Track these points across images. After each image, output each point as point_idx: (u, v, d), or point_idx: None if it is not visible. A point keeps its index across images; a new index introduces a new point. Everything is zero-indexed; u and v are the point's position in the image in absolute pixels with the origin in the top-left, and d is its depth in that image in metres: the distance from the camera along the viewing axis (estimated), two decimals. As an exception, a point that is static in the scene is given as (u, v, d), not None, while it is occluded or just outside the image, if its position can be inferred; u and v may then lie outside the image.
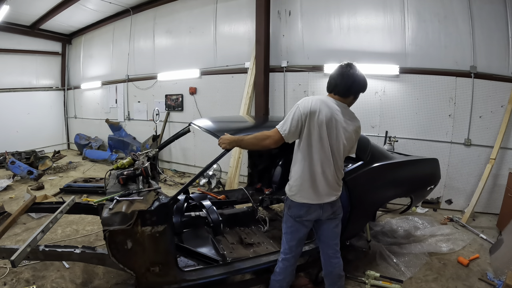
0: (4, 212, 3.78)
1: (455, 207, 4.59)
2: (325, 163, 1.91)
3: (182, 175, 6.67)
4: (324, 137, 1.87)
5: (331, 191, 1.97)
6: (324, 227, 2.06)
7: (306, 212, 1.97)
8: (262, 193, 3.77)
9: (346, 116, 1.95)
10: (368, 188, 2.72)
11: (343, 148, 1.95)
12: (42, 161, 6.41)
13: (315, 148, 1.89)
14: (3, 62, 8.03)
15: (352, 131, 1.97)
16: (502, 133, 4.15)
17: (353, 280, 2.75)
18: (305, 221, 2.00)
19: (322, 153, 1.90)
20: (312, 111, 1.84)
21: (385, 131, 4.70)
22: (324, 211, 1.98)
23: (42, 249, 2.10)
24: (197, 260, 2.51)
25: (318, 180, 1.92)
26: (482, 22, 4.18)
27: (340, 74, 1.92)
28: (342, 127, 1.91)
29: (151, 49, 7.11)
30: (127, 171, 2.56)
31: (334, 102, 1.93)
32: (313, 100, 1.89)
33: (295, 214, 1.99)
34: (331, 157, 1.91)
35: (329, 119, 1.86)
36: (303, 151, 1.92)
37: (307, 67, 5.17)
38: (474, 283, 2.77)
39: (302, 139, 1.90)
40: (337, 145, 1.92)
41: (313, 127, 1.86)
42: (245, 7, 5.54)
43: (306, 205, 1.95)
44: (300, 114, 1.86)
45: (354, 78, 1.91)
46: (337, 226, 2.09)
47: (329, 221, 2.04)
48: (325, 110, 1.86)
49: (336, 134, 1.90)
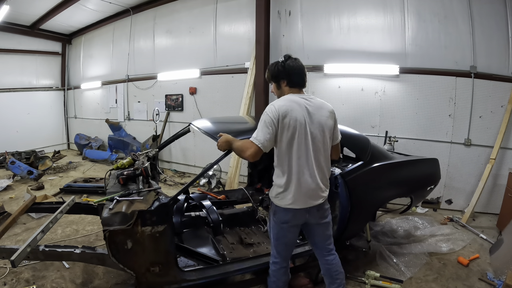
0: (4, 212, 3.78)
1: (455, 207, 4.59)
2: (308, 162, 1.84)
3: (182, 175, 6.67)
4: (301, 135, 1.81)
5: (317, 193, 1.89)
6: (314, 232, 2.02)
7: (292, 217, 1.90)
8: (262, 193, 3.76)
9: (317, 105, 1.90)
10: (368, 188, 2.72)
11: (325, 140, 1.90)
12: (42, 161, 6.41)
13: (295, 148, 1.82)
14: (3, 62, 8.03)
15: (328, 118, 1.92)
16: (502, 133, 4.15)
17: (353, 280, 2.75)
18: (292, 226, 1.93)
19: (303, 153, 1.83)
20: (282, 113, 1.78)
21: (385, 131, 4.70)
22: (311, 215, 1.92)
23: (42, 249, 2.10)
24: (197, 260, 2.51)
25: (302, 182, 1.84)
26: (482, 22, 4.18)
27: (291, 67, 1.90)
28: (318, 118, 1.86)
29: (151, 49, 7.11)
30: (127, 171, 2.56)
31: (299, 97, 1.89)
32: (279, 102, 1.85)
33: (281, 219, 1.92)
34: (313, 155, 1.85)
35: (302, 116, 1.81)
36: (282, 153, 1.85)
37: (307, 67, 5.04)
38: (474, 283, 2.77)
39: (279, 142, 1.83)
40: (318, 139, 1.86)
41: (287, 129, 1.79)
42: (245, 7, 5.54)
43: (291, 210, 1.87)
44: (270, 120, 1.78)
45: (301, 66, 1.94)
46: (327, 229, 2.04)
47: (318, 225, 1.99)
48: (296, 108, 1.81)
49: (314, 128, 1.85)
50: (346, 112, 4.96)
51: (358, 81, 4.87)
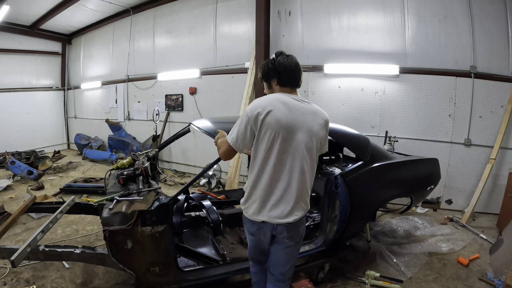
0: (4, 212, 3.78)
1: (455, 207, 4.59)
2: (286, 173, 1.60)
3: (182, 175, 6.67)
4: (284, 140, 1.57)
5: (288, 211, 1.62)
6: (276, 249, 1.74)
7: (258, 230, 1.68)
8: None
9: (310, 110, 1.66)
10: (368, 188, 2.71)
11: (313, 149, 1.65)
12: (42, 161, 6.41)
13: (273, 155, 1.58)
14: (3, 62, 8.03)
15: (321, 127, 1.68)
16: (502, 133, 4.15)
17: (353, 280, 2.75)
18: (260, 238, 1.71)
19: (284, 161, 1.59)
20: (263, 112, 1.55)
21: (385, 131, 4.70)
22: (278, 232, 1.65)
23: (42, 249, 2.10)
24: (197, 260, 2.51)
25: (274, 193, 1.61)
26: (482, 22, 4.19)
27: (282, 64, 1.67)
28: (309, 124, 1.63)
29: (151, 49, 7.11)
30: (127, 171, 2.55)
31: (290, 97, 1.65)
32: (263, 99, 1.62)
33: (249, 230, 1.74)
34: (297, 164, 1.60)
35: (287, 118, 1.57)
36: (257, 159, 1.62)
37: (307, 67, 5.17)
38: (474, 283, 2.77)
39: (256, 145, 1.61)
40: (305, 147, 1.61)
41: (266, 131, 1.56)
42: (245, 7, 5.55)
43: (257, 222, 1.66)
44: (248, 119, 1.58)
45: (294, 63, 1.70)
46: (288, 253, 1.73)
47: (283, 244, 1.70)
48: (280, 108, 1.57)
49: (302, 134, 1.60)
50: (346, 112, 4.96)
51: (358, 81, 4.87)
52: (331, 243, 2.62)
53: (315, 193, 3.48)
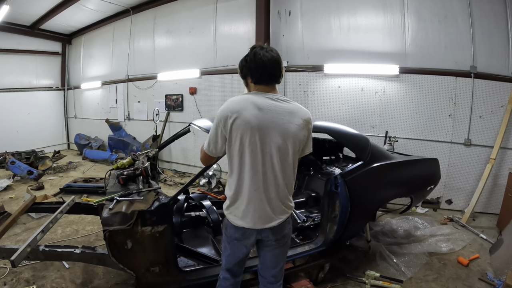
0: (4, 212, 3.79)
1: (455, 207, 4.59)
2: (263, 177, 1.53)
3: (182, 175, 6.67)
4: (254, 144, 1.49)
5: (270, 215, 1.59)
6: (264, 253, 1.73)
7: (242, 235, 1.63)
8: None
9: (287, 110, 1.55)
10: (368, 188, 2.72)
11: (289, 152, 1.56)
12: (42, 161, 6.41)
13: (247, 159, 1.51)
14: (3, 62, 8.02)
15: (300, 127, 1.56)
16: (502, 133, 4.15)
17: (353, 280, 2.75)
18: (244, 243, 1.67)
19: (256, 164, 1.52)
20: (232, 115, 1.48)
21: (385, 131, 4.70)
22: (264, 236, 1.63)
23: (42, 249, 2.10)
24: (197, 260, 2.51)
25: (252, 200, 1.55)
26: (482, 22, 4.19)
27: (255, 59, 1.56)
28: (284, 125, 1.52)
29: (151, 49, 7.11)
30: (127, 171, 2.56)
31: (265, 96, 1.55)
32: (233, 100, 1.54)
33: (231, 235, 1.67)
34: (269, 168, 1.53)
35: (258, 119, 1.48)
36: (233, 163, 1.57)
37: (307, 67, 5.17)
38: (474, 283, 2.77)
39: (228, 149, 1.56)
40: (278, 150, 1.53)
41: (236, 134, 1.50)
42: (245, 7, 5.54)
43: (241, 228, 1.61)
44: (218, 123, 1.52)
45: (269, 57, 1.55)
46: (277, 254, 1.72)
47: (270, 248, 1.69)
48: (251, 109, 1.49)
49: (276, 136, 1.51)
50: (346, 112, 4.96)
51: (358, 81, 4.87)
52: (331, 243, 2.62)
53: (315, 193, 3.48)
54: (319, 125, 3.06)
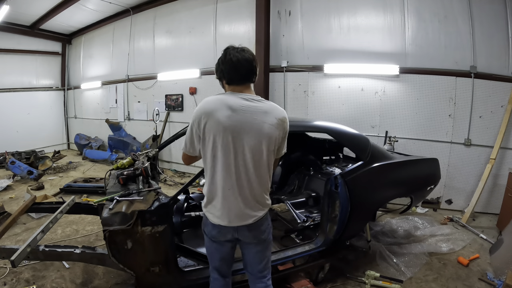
0: (4, 212, 3.79)
1: (455, 207, 4.59)
2: (236, 176, 1.55)
3: (182, 175, 6.67)
4: (228, 144, 1.51)
5: (246, 212, 1.59)
6: (246, 251, 1.75)
7: (219, 233, 1.65)
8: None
9: (261, 109, 1.56)
10: (368, 188, 2.72)
11: (263, 151, 1.56)
12: (42, 161, 6.41)
13: (219, 158, 1.54)
14: (3, 62, 8.03)
15: (274, 127, 1.56)
16: (502, 133, 4.16)
17: (353, 280, 2.75)
18: (222, 241, 1.69)
19: (229, 164, 1.54)
20: (206, 115, 1.51)
21: (385, 131, 4.70)
22: (240, 234, 1.64)
23: (42, 249, 2.10)
24: (197, 260, 2.51)
25: (227, 199, 1.57)
26: (482, 22, 4.19)
27: (225, 60, 1.59)
28: (258, 125, 1.53)
29: (151, 49, 7.11)
30: (127, 171, 2.55)
31: (238, 96, 1.56)
32: (207, 101, 1.56)
33: (209, 233, 1.69)
34: (242, 167, 1.55)
35: (232, 119, 1.50)
36: (206, 163, 1.60)
37: (307, 67, 5.17)
38: (474, 283, 2.77)
39: (202, 149, 1.60)
40: (251, 150, 1.53)
41: (211, 134, 1.52)
42: (245, 7, 5.54)
43: (217, 226, 1.63)
44: (193, 122, 1.56)
45: (239, 58, 1.56)
46: (261, 251, 1.74)
47: (250, 245, 1.70)
48: (224, 110, 1.50)
49: (250, 136, 1.52)
50: (346, 112, 4.96)
51: (358, 81, 4.87)
52: (331, 243, 2.62)
53: (315, 193, 3.48)
54: (319, 125, 3.07)
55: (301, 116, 5.25)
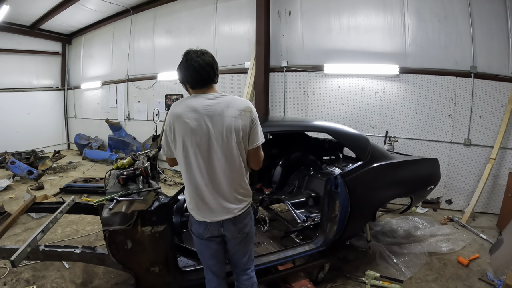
0: (4, 212, 3.78)
1: (455, 207, 4.59)
2: (209, 172, 1.61)
3: (182, 175, 6.66)
4: (196, 143, 1.58)
5: (225, 206, 1.65)
6: (231, 246, 1.79)
7: (205, 230, 1.69)
8: (262, 193, 3.76)
9: (221, 105, 1.61)
10: (368, 188, 2.72)
11: (231, 144, 1.61)
12: (42, 161, 6.41)
13: (191, 158, 1.60)
14: (3, 62, 8.03)
15: (236, 118, 1.60)
16: (502, 133, 4.15)
17: (353, 280, 2.75)
18: (209, 238, 1.72)
19: (200, 162, 1.60)
20: (174, 118, 1.59)
21: (385, 131, 4.70)
22: (226, 229, 1.69)
23: (42, 249, 2.10)
24: (197, 260, 2.50)
25: (204, 195, 1.63)
26: (482, 22, 4.19)
27: (183, 65, 1.64)
28: (221, 120, 1.59)
29: (151, 49, 7.11)
30: (127, 171, 2.55)
31: (201, 97, 1.63)
32: (175, 105, 1.65)
33: (196, 232, 1.74)
34: (214, 163, 1.61)
35: (197, 119, 1.57)
36: (180, 163, 1.66)
37: (307, 67, 5.17)
38: (474, 283, 2.77)
39: (176, 150, 1.66)
40: (220, 145, 1.60)
41: (180, 136, 1.59)
42: (245, 7, 5.54)
43: (203, 222, 1.68)
44: (166, 127, 1.65)
45: (197, 61, 1.59)
46: (244, 244, 1.80)
47: (235, 239, 1.76)
48: (188, 112, 1.58)
49: (216, 132, 1.58)
50: (346, 112, 4.96)
51: (358, 81, 4.87)
52: (331, 243, 2.62)
53: (315, 193, 3.48)
54: (319, 125, 3.07)
55: (301, 116, 5.25)
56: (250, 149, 1.71)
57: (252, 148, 1.70)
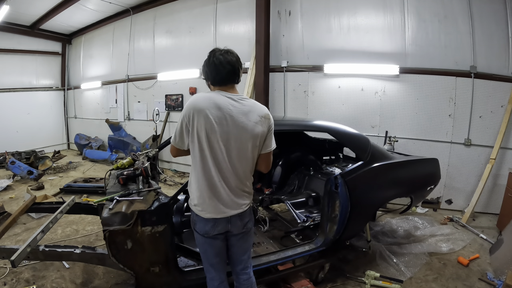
0: (4, 212, 3.78)
1: (455, 207, 4.59)
2: (223, 169, 1.66)
3: (182, 175, 6.67)
4: (215, 139, 1.61)
5: (236, 202, 1.71)
6: (233, 243, 1.82)
7: (212, 227, 1.71)
8: (262, 193, 3.76)
9: (245, 108, 1.66)
10: (368, 188, 2.71)
11: (247, 147, 1.67)
12: (42, 161, 6.41)
13: (207, 152, 1.63)
14: (3, 62, 8.03)
15: (256, 124, 1.66)
16: (502, 133, 4.16)
17: (353, 280, 2.75)
18: (215, 235, 1.74)
19: (217, 158, 1.64)
20: (196, 111, 1.59)
21: (385, 131, 4.70)
22: (233, 224, 1.73)
23: (42, 249, 2.10)
24: (197, 260, 2.50)
25: (217, 190, 1.67)
26: (482, 22, 4.19)
27: (209, 63, 1.70)
28: (242, 122, 1.63)
29: (151, 49, 7.11)
30: (127, 171, 2.55)
31: (223, 95, 1.66)
32: (198, 98, 1.65)
33: (201, 230, 1.74)
34: (229, 161, 1.65)
35: (219, 117, 1.60)
36: (195, 157, 1.67)
37: (307, 67, 5.17)
38: (474, 283, 2.77)
39: (191, 143, 1.66)
40: (237, 145, 1.65)
41: (200, 129, 1.60)
42: (245, 7, 5.55)
43: (211, 219, 1.70)
44: (183, 117, 1.63)
45: (222, 60, 1.66)
46: (246, 240, 1.85)
47: (238, 236, 1.80)
48: (213, 107, 1.60)
49: (235, 132, 1.63)
50: (346, 112, 4.96)
51: (358, 81, 4.87)
52: (331, 243, 2.62)
53: (315, 193, 3.48)
54: (320, 125, 3.07)
55: (301, 116, 5.25)
56: (262, 153, 1.78)
57: (264, 152, 1.77)
